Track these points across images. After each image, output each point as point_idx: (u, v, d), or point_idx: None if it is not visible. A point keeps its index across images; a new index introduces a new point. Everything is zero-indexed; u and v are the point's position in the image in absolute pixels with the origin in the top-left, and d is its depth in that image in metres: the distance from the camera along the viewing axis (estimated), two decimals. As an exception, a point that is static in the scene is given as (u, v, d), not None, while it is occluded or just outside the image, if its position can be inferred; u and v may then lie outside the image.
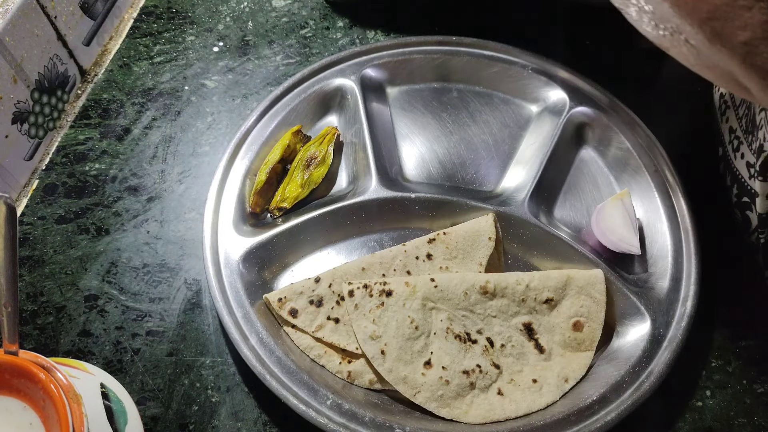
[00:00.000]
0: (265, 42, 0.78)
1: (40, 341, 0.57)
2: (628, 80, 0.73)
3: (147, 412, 0.53)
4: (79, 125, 0.70)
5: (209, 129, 0.71)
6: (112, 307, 0.59)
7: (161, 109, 0.72)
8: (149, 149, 0.69)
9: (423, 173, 0.66)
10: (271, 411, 0.54)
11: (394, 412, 0.52)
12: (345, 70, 0.69)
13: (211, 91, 0.74)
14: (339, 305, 0.56)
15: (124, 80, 0.74)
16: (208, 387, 0.55)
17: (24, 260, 0.61)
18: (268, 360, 0.52)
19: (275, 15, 0.80)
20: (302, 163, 0.64)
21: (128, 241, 0.63)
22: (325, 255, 0.62)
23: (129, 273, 0.61)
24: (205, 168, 0.67)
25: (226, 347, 0.57)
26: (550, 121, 0.67)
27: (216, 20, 0.80)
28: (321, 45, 0.77)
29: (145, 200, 0.65)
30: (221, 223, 0.60)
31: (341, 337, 0.55)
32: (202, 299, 0.59)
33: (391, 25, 0.78)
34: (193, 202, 0.65)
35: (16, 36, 0.64)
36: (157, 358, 0.56)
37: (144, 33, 0.78)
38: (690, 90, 0.71)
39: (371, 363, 0.53)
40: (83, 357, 0.56)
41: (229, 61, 0.76)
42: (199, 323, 0.58)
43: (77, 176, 0.67)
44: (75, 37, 0.73)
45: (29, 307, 0.58)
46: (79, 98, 0.75)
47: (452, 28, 0.73)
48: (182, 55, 0.77)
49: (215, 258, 0.58)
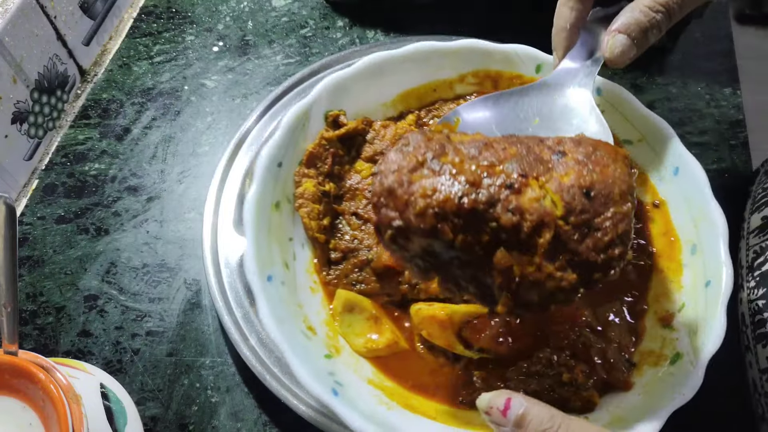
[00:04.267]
0: (265, 42, 0.78)
1: (39, 341, 0.57)
2: (628, 80, 0.73)
3: (147, 412, 0.53)
4: (78, 125, 0.70)
5: (209, 129, 0.70)
6: (112, 307, 0.59)
7: (161, 109, 0.72)
8: (149, 149, 0.69)
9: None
10: (271, 411, 0.53)
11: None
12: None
13: (211, 90, 0.74)
14: None
15: (123, 80, 0.74)
16: (207, 387, 0.55)
17: (24, 260, 0.61)
18: (268, 360, 0.52)
19: (275, 15, 0.80)
20: (302, 163, 0.64)
21: (128, 241, 0.62)
22: (325, 255, 0.61)
23: (129, 273, 0.61)
24: (205, 168, 0.67)
25: (226, 347, 0.57)
26: (550, 121, 0.67)
27: (216, 20, 0.80)
28: (321, 45, 0.77)
29: (145, 200, 0.65)
30: (221, 223, 0.60)
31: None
32: (201, 299, 0.59)
33: (391, 25, 0.78)
34: (192, 202, 0.65)
35: (15, 36, 0.64)
36: (157, 358, 0.56)
37: (144, 33, 0.78)
38: (691, 90, 0.71)
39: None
40: (83, 357, 0.56)
41: (229, 61, 0.76)
42: (199, 323, 0.58)
43: (77, 176, 0.67)
44: (75, 37, 0.73)
45: (29, 307, 0.58)
46: (78, 98, 0.75)
47: (452, 28, 0.73)
48: (182, 54, 0.76)
49: (215, 258, 0.58)
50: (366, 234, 0.51)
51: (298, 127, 0.52)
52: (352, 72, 0.54)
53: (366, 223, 0.52)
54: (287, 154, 0.51)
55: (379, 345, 0.49)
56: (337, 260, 0.52)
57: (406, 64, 0.55)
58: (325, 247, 0.52)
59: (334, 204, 0.53)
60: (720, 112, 0.70)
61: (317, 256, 0.52)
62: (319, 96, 0.53)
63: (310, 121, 0.53)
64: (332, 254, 0.52)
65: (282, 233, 0.51)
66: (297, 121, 0.52)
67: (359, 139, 0.55)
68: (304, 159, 0.52)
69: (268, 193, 0.50)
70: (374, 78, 0.54)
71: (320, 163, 0.53)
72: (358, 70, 0.54)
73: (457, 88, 0.57)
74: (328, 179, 0.53)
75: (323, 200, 0.52)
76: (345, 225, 0.52)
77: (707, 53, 0.75)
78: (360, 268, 0.51)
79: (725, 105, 0.70)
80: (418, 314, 0.48)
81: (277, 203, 0.50)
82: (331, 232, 0.52)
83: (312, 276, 0.52)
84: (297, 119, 0.51)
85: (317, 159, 0.52)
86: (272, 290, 0.47)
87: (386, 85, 0.56)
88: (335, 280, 0.51)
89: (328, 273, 0.52)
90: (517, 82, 0.56)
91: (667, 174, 0.54)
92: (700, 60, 0.74)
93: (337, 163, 0.53)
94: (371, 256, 0.50)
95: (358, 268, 0.51)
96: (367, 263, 0.50)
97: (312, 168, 0.52)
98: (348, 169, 0.54)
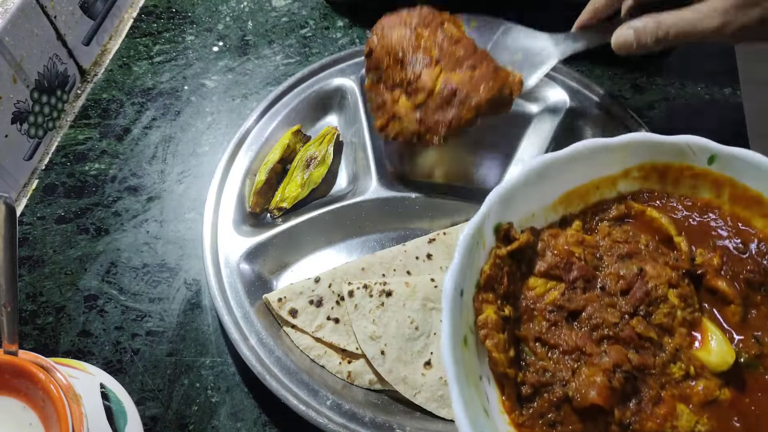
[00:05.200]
0: (265, 42, 0.78)
1: (39, 341, 0.57)
2: (628, 81, 0.73)
3: (147, 412, 0.53)
4: (78, 125, 0.70)
5: (209, 129, 0.70)
6: (112, 307, 0.59)
7: (161, 109, 0.72)
8: (149, 149, 0.69)
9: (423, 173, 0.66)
10: (271, 411, 0.53)
11: (394, 413, 0.52)
12: (345, 70, 0.69)
13: (211, 90, 0.74)
14: (339, 305, 0.56)
15: (123, 80, 0.74)
16: (207, 387, 0.55)
17: (24, 260, 0.61)
18: (268, 360, 0.52)
19: (275, 15, 0.80)
20: (302, 163, 0.64)
21: (128, 241, 0.62)
22: (325, 255, 0.62)
23: (129, 273, 0.61)
24: (205, 168, 0.67)
25: (226, 347, 0.57)
26: (550, 121, 0.67)
27: (216, 20, 0.80)
28: (321, 45, 0.77)
29: (145, 200, 0.65)
30: (221, 223, 0.60)
31: (341, 337, 0.55)
32: (201, 299, 0.59)
33: (391, 25, 0.77)
34: (192, 202, 0.65)
35: (15, 36, 0.64)
36: (157, 358, 0.56)
37: (144, 33, 0.78)
38: (691, 90, 0.71)
39: (371, 363, 0.53)
40: (83, 357, 0.56)
41: (229, 61, 0.76)
42: (199, 323, 0.58)
43: (77, 176, 0.67)
44: (75, 36, 0.73)
45: (29, 307, 0.58)
46: (78, 98, 0.75)
47: (452, 28, 0.73)
48: (182, 54, 0.76)
49: (215, 258, 0.58)
50: (556, 363, 0.45)
51: (473, 247, 0.45)
52: (517, 180, 0.48)
53: (552, 350, 0.45)
54: (466, 279, 0.44)
55: None
56: (528, 396, 0.44)
57: (571, 165, 0.50)
58: (514, 382, 0.44)
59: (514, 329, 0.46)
60: (720, 112, 0.70)
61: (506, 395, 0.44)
62: (489, 209, 0.46)
63: (485, 239, 0.46)
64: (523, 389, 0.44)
65: (474, 372, 0.43)
66: (473, 241, 0.45)
67: (529, 252, 0.49)
68: (482, 282, 0.45)
69: (457, 327, 0.43)
70: (539, 182, 0.49)
71: (497, 285, 0.46)
72: (523, 177, 0.48)
73: (620, 184, 0.52)
74: (505, 302, 0.47)
75: (506, 327, 0.45)
76: (529, 353, 0.46)
77: (707, 53, 0.75)
78: (557, 406, 0.43)
79: (725, 105, 0.70)
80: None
81: (465, 338, 0.43)
82: (516, 363, 0.45)
83: (503, 417, 0.44)
84: (473, 239, 0.45)
85: (494, 281, 0.46)
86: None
87: (549, 187, 0.50)
88: (529, 421, 0.44)
89: (520, 413, 0.44)
90: (687, 173, 0.51)
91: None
92: (699, 60, 0.74)
93: (511, 282, 0.47)
94: (571, 393, 0.43)
95: (555, 406, 0.43)
96: (565, 399, 0.43)
97: (490, 291, 0.46)
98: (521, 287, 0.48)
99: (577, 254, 0.47)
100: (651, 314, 0.44)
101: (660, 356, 0.43)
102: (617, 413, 0.42)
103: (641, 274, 0.45)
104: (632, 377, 0.41)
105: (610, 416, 0.42)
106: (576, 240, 0.49)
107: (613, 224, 0.50)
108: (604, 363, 0.41)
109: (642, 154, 0.51)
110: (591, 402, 0.41)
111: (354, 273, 0.57)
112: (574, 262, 0.46)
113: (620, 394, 0.41)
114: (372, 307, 0.55)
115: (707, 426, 0.41)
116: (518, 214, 0.49)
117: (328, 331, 0.55)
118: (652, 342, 0.43)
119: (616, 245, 0.47)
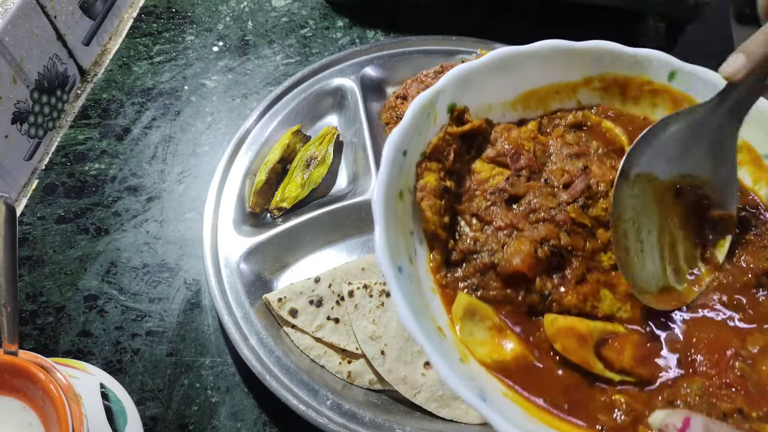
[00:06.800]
0: (265, 42, 0.78)
1: (39, 341, 0.57)
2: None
3: (147, 412, 0.53)
4: (78, 125, 0.70)
5: (209, 129, 0.70)
6: (112, 307, 0.59)
7: (161, 109, 0.72)
8: (149, 149, 0.69)
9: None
10: (271, 411, 0.53)
11: (394, 412, 0.52)
12: (345, 70, 0.69)
13: (211, 90, 0.74)
14: (339, 305, 0.56)
15: (123, 80, 0.74)
16: (207, 387, 0.55)
17: (24, 260, 0.61)
18: (268, 360, 0.52)
19: (275, 15, 0.80)
20: (302, 163, 0.64)
21: (128, 241, 0.62)
22: (325, 255, 0.61)
23: (129, 273, 0.61)
24: (205, 168, 0.67)
25: (226, 347, 0.57)
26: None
27: (216, 20, 0.80)
28: (321, 45, 0.77)
29: (145, 200, 0.65)
30: (221, 223, 0.60)
31: (341, 337, 0.55)
32: (201, 299, 0.59)
33: (391, 25, 0.78)
34: (192, 202, 0.65)
35: (15, 36, 0.64)
36: (157, 358, 0.56)
37: (144, 33, 0.78)
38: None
39: (371, 363, 0.53)
40: (83, 357, 0.56)
41: (229, 61, 0.76)
42: (199, 323, 0.58)
43: (77, 176, 0.67)
44: (75, 36, 0.73)
45: (29, 307, 0.58)
46: (78, 98, 0.75)
47: (452, 28, 0.73)
48: (182, 54, 0.76)
49: (215, 258, 0.58)
50: (488, 237, 0.47)
51: (423, 117, 0.48)
52: (478, 64, 0.50)
53: (487, 226, 0.48)
54: (411, 143, 0.47)
55: (507, 357, 0.43)
56: (456, 262, 0.48)
57: (531, 61, 0.51)
58: (444, 246, 0.48)
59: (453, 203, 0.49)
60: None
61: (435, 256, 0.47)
62: (444, 86, 0.49)
63: (437, 112, 0.49)
64: (453, 255, 0.47)
65: (404, 225, 0.46)
66: (423, 110, 0.48)
67: (480, 139, 0.52)
68: (428, 151, 0.49)
69: (394, 181, 0.46)
70: (498, 72, 0.51)
71: (442, 157, 0.50)
72: (484, 63, 0.50)
73: (580, 93, 0.54)
74: (448, 176, 0.50)
75: (444, 196, 0.48)
76: (465, 226, 0.49)
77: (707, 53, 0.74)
78: (482, 272, 0.46)
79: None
80: (554, 324, 0.43)
81: (401, 193, 0.46)
82: (451, 231, 0.48)
83: (429, 275, 0.47)
84: (423, 108, 0.48)
85: (440, 153, 0.49)
86: (404, 282, 0.42)
87: (509, 82, 0.52)
88: (453, 283, 0.47)
89: (445, 275, 0.47)
90: (647, 88, 0.53)
91: None
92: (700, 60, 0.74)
93: (458, 160, 0.50)
94: (497, 260, 0.46)
95: (480, 272, 0.46)
96: (491, 267, 0.46)
97: (435, 161, 0.49)
98: (467, 168, 0.51)
99: (527, 147, 0.48)
100: (589, 207, 0.46)
101: (591, 242, 0.45)
102: (539, 282, 0.44)
103: (585, 171, 0.47)
104: (559, 254, 0.43)
105: (531, 284, 0.44)
106: (529, 136, 0.51)
107: (567, 130, 0.51)
108: (533, 235, 0.44)
109: (604, 63, 0.52)
110: (515, 269, 0.43)
111: (354, 273, 0.57)
112: (523, 153, 0.48)
113: (545, 266, 0.43)
114: (372, 307, 0.55)
115: (629, 314, 0.43)
116: (475, 100, 0.51)
117: (328, 331, 0.55)
118: (586, 229, 0.45)
119: (567, 146, 0.49)
